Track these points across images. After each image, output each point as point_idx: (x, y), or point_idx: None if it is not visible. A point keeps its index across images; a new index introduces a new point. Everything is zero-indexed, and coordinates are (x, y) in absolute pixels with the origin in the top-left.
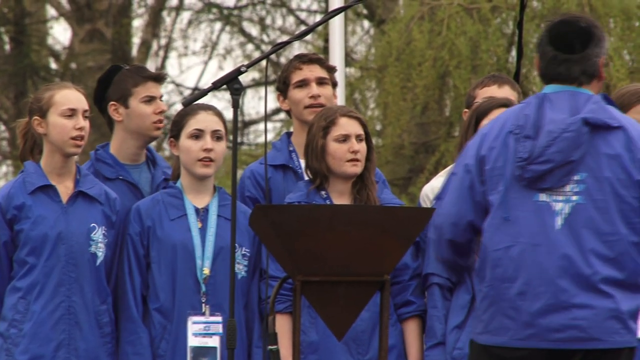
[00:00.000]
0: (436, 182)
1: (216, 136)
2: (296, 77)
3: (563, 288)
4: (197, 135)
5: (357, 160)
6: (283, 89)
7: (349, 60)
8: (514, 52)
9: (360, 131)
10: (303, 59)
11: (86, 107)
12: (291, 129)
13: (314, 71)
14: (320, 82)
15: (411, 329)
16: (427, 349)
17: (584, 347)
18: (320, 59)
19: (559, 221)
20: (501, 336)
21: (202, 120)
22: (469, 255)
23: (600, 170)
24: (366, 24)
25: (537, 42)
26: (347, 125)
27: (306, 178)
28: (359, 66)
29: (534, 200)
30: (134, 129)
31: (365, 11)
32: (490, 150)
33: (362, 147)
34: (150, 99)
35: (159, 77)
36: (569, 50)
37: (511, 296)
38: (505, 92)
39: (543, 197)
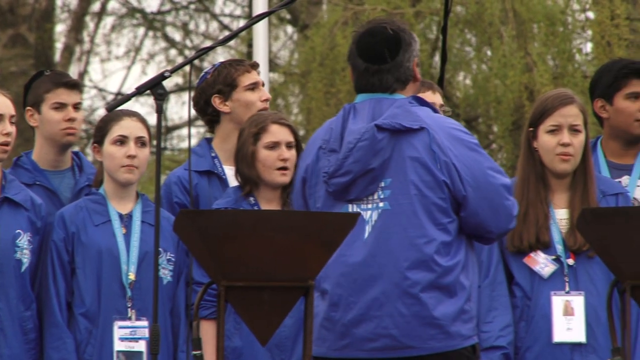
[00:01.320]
0: None
1: (140, 142)
2: (247, 79)
3: (374, 296)
4: (121, 141)
5: (286, 168)
6: (227, 91)
7: (272, 66)
8: (437, 57)
9: (291, 138)
10: (248, 63)
11: (12, 112)
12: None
13: (259, 76)
14: (262, 85)
15: None
16: None
17: (398, 356)
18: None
19: (367, 229)
20: (320, 347)
21: (126, 127)
22: None
23: (405, 173)
24: (289, 29)
25: (348, 53)
26: (278, 133)
27: (236, 184)
28: (283, 71)
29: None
30: (47, 135)
31: (288, 16)
32: (306, 169)
33: (291, 154)
34: (60, 106)
35: (70, 84)
36: (380, 61)
37: (325, 307)
38: (429, 97)
39: (352, 208)
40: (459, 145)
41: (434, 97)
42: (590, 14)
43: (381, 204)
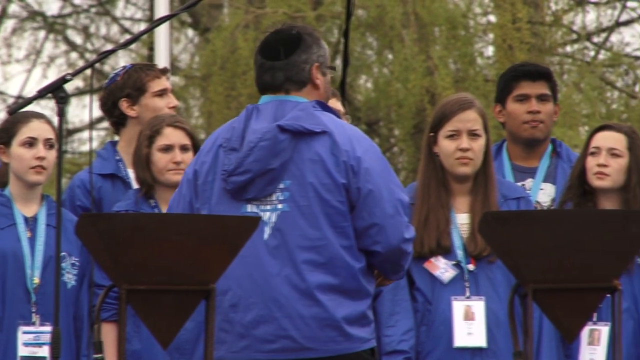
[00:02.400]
0: None
1: (48, 144)
2: (156, 85)
3: (274, 298)
4: (30, 143)
5: (181, 170)
6: (135, 96)
7: (173, 69)
8: (339, 61)
9: (186, 141)
10: (158, 69)
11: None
12: (115, 138)
13: (168, 83)
14: (171, 92)
15: None
16: None
17: (297, 357)
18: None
19: (267, 231)
20: (218, 350)
21: (35, 129)
22: None
23: (304, 176)
24: (190, 32)
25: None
26: (172, 135)
27: (136, 186)
28: (184, 75)
29: (242, 212)
30: None
31: (189, 19)
32: (202, 165)
33: (186, 157)
34: None
35: None
36: (274, 58)
37: (225, 308)
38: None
39: (251, 208)
40: (361, 152)
41: (337, 104)
42: (492, 18)
43: (280, 206)
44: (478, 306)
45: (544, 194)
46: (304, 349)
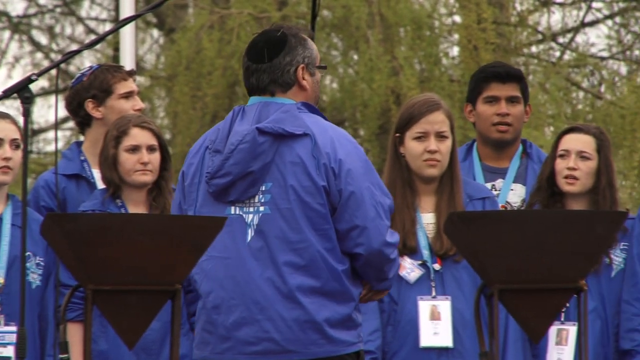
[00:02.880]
0: None
1: (14, 145)
2: (122, 87)
3: (256, 300)
4: None
5: (148, 170)
6: (101, 97)
7: (138, 69)
8: None
9: (153, 142)
10: (125, 70)
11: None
12: (81, 138)
13: (135, 85)
14: (138, 94)
15: None
16: None
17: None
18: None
19: (250, 233)
20: (203, 350)
21: (1, 129)
22: None
23: (285, 178)
24: (156, 32)
25: None
26: (138, 136)
27: (102, 186)
28: (149, 75)
29: (226, 214)
30: None
31: (155, 20)
32: (189, 166)
33: (153, 157)
34: None
35: None
36: (259, 60)
37: (208, 310)
38: None
39: (234, 210)
40: (343, 154)
41: None
42: (457, 18)
43: (262, 208)
44: (444, 306)
45: (514, 195)
46: (285, 352)
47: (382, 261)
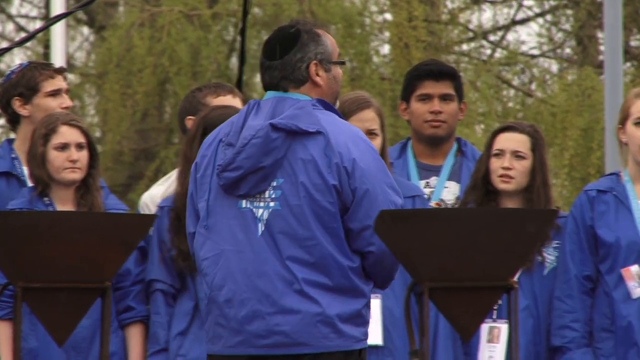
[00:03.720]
0: (155, 190)
1: None
2: (49, 85)
3: (267, 294)
4: None
5: (77, 168)
6: (28, 95)
7: (69, 67)
8: (234, 59)
9: (81, 139)
10: (53, 68)
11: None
12: (11, 136)
13: (63, 82)
14: (67, 92)
15: (132, 335)
16: (149, 355)
17: (289, 353)
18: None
19: (260, 228)
20: (216, 344)
21: None
22: None
23: (296, 175)
24: (86, 30)
25: None
26: (67, 134)
27: (30, 185)
28: (79, 72)
29: (237, 208)
30: None
31: (85, 17)
32: (202, 158)
33: (81, 155)
34: None
35: None
36: (272, 57)
37: (220, 304)
38: (228, 100)
39: (245, 204)
40: (357, 154)
41: (234, 101)
42: (388, 16)
43: (272, 204)
44: (374, 304)
45: (449, 192)
46: (296, 345)
47: (393, 262)
